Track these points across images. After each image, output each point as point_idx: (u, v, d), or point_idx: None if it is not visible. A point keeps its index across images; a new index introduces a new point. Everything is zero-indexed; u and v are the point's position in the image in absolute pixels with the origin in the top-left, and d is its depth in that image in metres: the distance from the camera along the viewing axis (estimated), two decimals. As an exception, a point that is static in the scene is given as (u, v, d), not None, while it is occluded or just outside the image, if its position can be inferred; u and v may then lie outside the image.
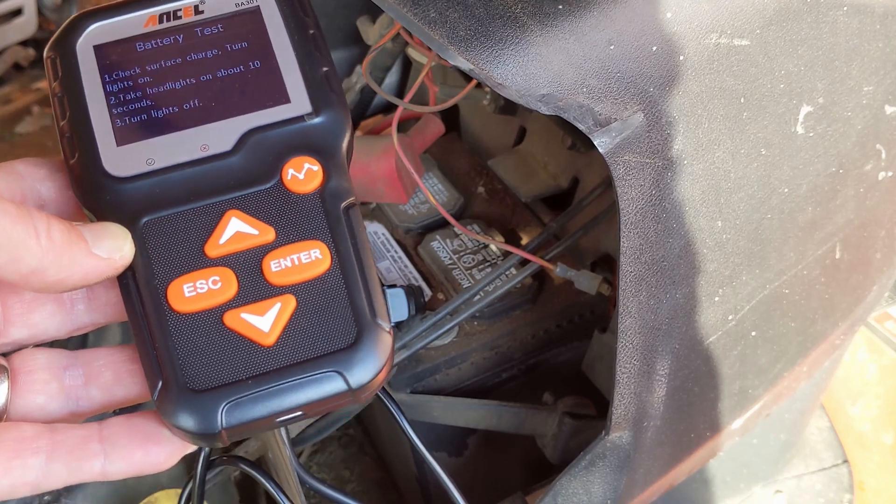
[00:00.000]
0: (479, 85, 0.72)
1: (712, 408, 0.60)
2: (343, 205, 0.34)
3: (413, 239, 0.77)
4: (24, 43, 1.46)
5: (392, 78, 0.87)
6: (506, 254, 0.73)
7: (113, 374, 0.34)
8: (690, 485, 0.77)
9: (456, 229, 0.74)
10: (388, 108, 0.88)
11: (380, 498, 0.88)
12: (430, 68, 0.63)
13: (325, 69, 0.36)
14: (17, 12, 1.38)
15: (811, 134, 0.50)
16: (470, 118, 0.87)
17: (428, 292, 0.72)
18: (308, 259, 0.33)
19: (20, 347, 0.35)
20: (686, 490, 0.77)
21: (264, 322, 0.32)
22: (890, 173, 0.58)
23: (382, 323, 0.32)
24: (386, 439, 0.85)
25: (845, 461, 0.93)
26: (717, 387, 0.58)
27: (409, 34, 0.65)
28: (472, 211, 0.79)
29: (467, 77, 0.72)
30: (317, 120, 0.35)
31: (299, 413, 0.31)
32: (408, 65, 0.87)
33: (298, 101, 0.35)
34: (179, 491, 0.48)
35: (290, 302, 0.32)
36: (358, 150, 0.71)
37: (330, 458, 0.92)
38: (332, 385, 0.31)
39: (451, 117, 0.87)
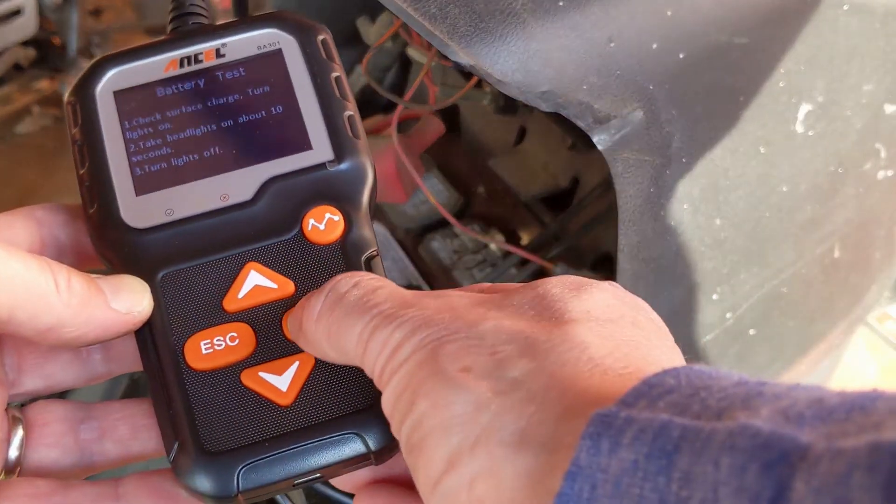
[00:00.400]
0: (479, 84, 0.72)
1: (712, 407, 0.60)
2: (364, 256, 0.33)
3: (413, 239, 0.77)
4: (25, 43, 1.47)
5: (392, 78, 0.87)
6: (506, 254, 0.73)
7: (129, 428, 0.33)
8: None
9: (456, 229, 0.75)
10: (388, 107, 0.89)
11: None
12: (429, 68, 0.63)
13: (348, 114, 0.35)
14: (17, 12, 1.38)
15: (811, 132, 0.50)
16: (470, 118, 0.87)
17: (428, 292, 0.72)
18: None
19: (35, 398, 0.34)
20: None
21: (282, 381, 0.31)
22: (889, 172, 0.58)
23: None
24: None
25: (845, 462, 0.93)
26: (717, 385, 0.58)
27: (409, 33, 0.65)
28: (472, 211, 0.79)
29: (467, 77, 0.72)
30: (339, 167, 0.34)
31: (317, 475, 0.31)
32: (407, 65, 0.87)
33: (320, 148, 0.34)
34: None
35: (308, 360, 0.31)
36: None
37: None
38: (350, 447, 0.30)
39: (451, 117, 0.88)
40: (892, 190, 0.60)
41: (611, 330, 0.27)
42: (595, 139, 0.40)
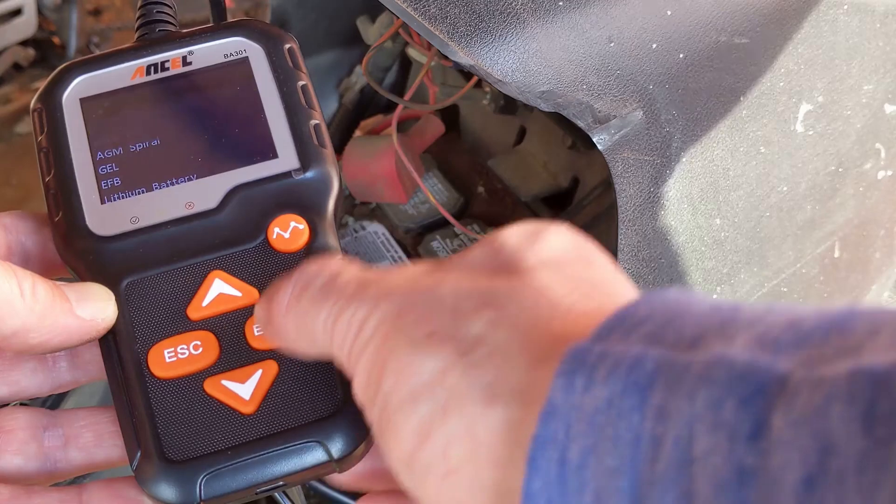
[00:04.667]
0: (478, 84, 0.72)
1: (711, 407, 0.60)
2: None
3: (413, 239, 0.77)
4: (24, 43, 1.47)
5: (392, 78, 0.87)
6: (505, 253, 0.73)
7: (93, 435, 0.33)
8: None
9: (456, 229, 0.74)
10: (388, 107, 0.89)
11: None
12: (429, 68, 0.63)
13: (314, 122, 0.35)
14: (17, 12, 1.38)
15: (810, 132, 0.50)
16: (470, 118, 0.87)
17: (427, 291, 0.72)
18: None
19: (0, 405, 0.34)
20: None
21: (245, 389, 0.31)
22: (889, 172, 0.58)
23: None
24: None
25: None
26: (717, 385, 0.58)
27: (409, 33, 0.65)
28: (472, 211, 0.79)
29: (467, 77, 0.72)
30: (304, 176, 0.34)
31: (280, 483, 0.31)
32: (407, 65, 0.87)
33: (286, 157, 0.34)
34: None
35: (271, 368, 0.31)
36: (358, 150, 0.71)
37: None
38: (313, 455, 0.30)
39: (451, 117, 0.88)
40: (892, 190, 0.60)
41: (569, 272, 0.26)
42: (595, 139, 0.40)
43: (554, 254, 0.27)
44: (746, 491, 0.18)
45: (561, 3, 0.39)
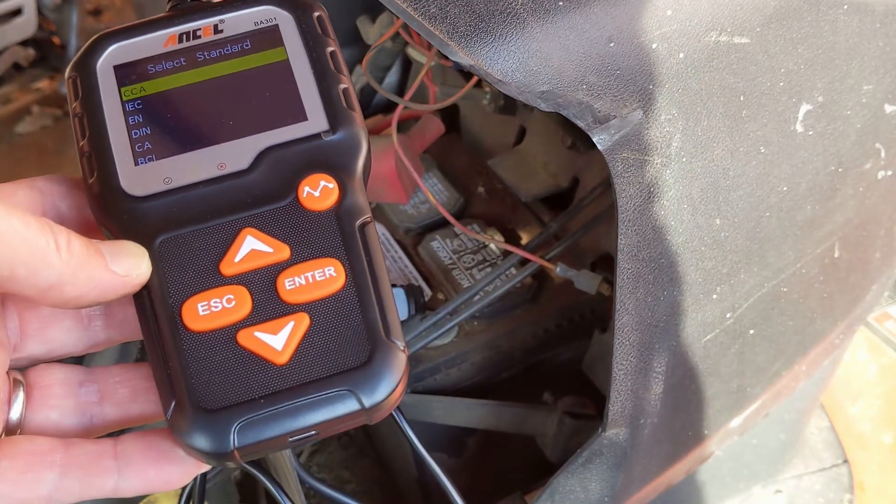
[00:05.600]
0: (478, 84, 0.72)
1: (710, 406, 0.60)
2: (358, 222, 0.34)
3: (413, 239, 0.77)
4: (24, 43, 1.47)
5: (392, 78, 0.87)
6: (506, 253, 0.73)
7: (128, 391, 0.34)
8: (689, 484, 0.77)
9: (456, 229, 0.75)
10: (388, 107, 0.89)
11: (380, 498, 0.88)
12: (429, 68, 0.63)
13: (343, 87, 0.36)
14: (17, 12, 1.38)
15: (810, 132, 0.50)
16: (470, 118, 0.87)
17: (428, 292, 0.72)
18: (322, 277, 0.33)
19: (36, 363, 0.35)
20: (685, 490, 0.77)
21: (277, 341, 0.32)
22: (889, 172, 0.58)
23: (397, 341, 0.32)
24: (386, 440, 0.85)
25: (845, 461, 0.93)
26: (715, 385, 0.58)
27: (409, 33, 0.65)
28: (472, 211, 0.79)
29: (467, 76, 0.72)
30: (333, 137, 0.35)
31: (312, 432, 0.31)
32: (407, 65, 0.87)
33: (315, 119, 0.35)
34: (179, 491, 0.48)
35: (303, 320, 0.32)
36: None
37: (329, 458, 0.92)
38: (344, 404, 0.31)
39: (451, 117, 0.88)
40: (892, 190, 0.60)
41: None
42: (595, 139, 0.40)
43: None
44: None
45: (561, 3, 0.39)
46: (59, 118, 1.42)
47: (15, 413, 0.33)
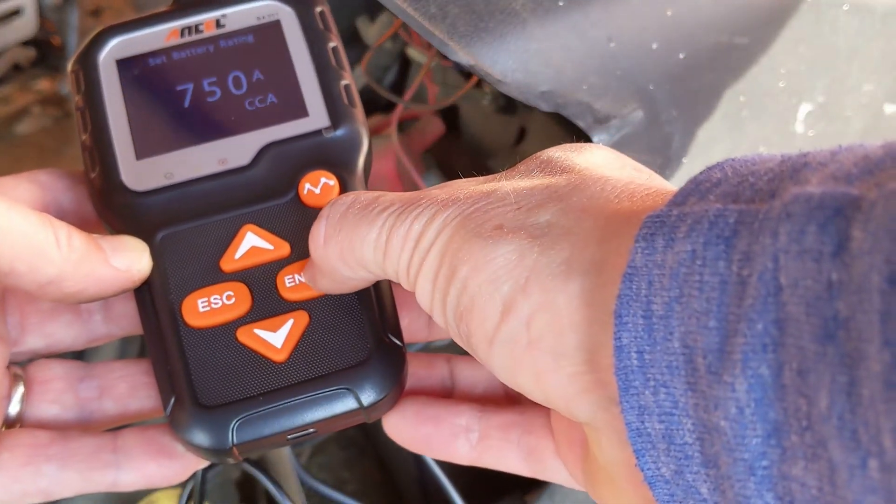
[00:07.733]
0: (478, 84, 0.72)
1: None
2: None
3: (413, 239, 0.77)
4: (24, 43, 1.47)
5: (392, 78, 0.87)
6: (505, 253, 0.73)
7: (128, 386, 0.34)
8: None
9: (456, 229, 0.74)
10: (388, 107, 0.88)
11: (380, 499, 0.88)
12: (429, 68, 0.63)
13: (344, 83, 0.36)
14: (17, 12, 1.38)
15: (811, 133, 0.50)
16: (470, 118, 0.87)
17: (427, 292, 0.72)
18: None
19: (36, 357, 0.35)
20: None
21: (277, 338, 0.32)
22: (889, 172, 0.58)
23: (396, 340, 0.32)
24: (386, 440, 0.85)
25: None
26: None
27: (409, 33, 0.65)
28: (471, 211, 0.79)
29: (467, 77, 0.72)
30: (334, 134, 0.35)
31: (311, 430, 0.31)
32: (407, 65, 0.87)
33: (317, 115, 0.36)
34: (179, 491, 0.48)
35: (302, 318, 0.32)
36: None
37: (330, 459, 0.91)
38: (343, 403, 0.31)
39: (451, 117, 0.87)
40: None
41: (620, 172, 0.27)
42: (595, 139, 0.40)
43: (600, 160, 0.28)
44: (835, 302, 0.18)
45: (561, 3, 0.39)
46: (59, 118, 1.43)
47: (14, 407, 0.33)
